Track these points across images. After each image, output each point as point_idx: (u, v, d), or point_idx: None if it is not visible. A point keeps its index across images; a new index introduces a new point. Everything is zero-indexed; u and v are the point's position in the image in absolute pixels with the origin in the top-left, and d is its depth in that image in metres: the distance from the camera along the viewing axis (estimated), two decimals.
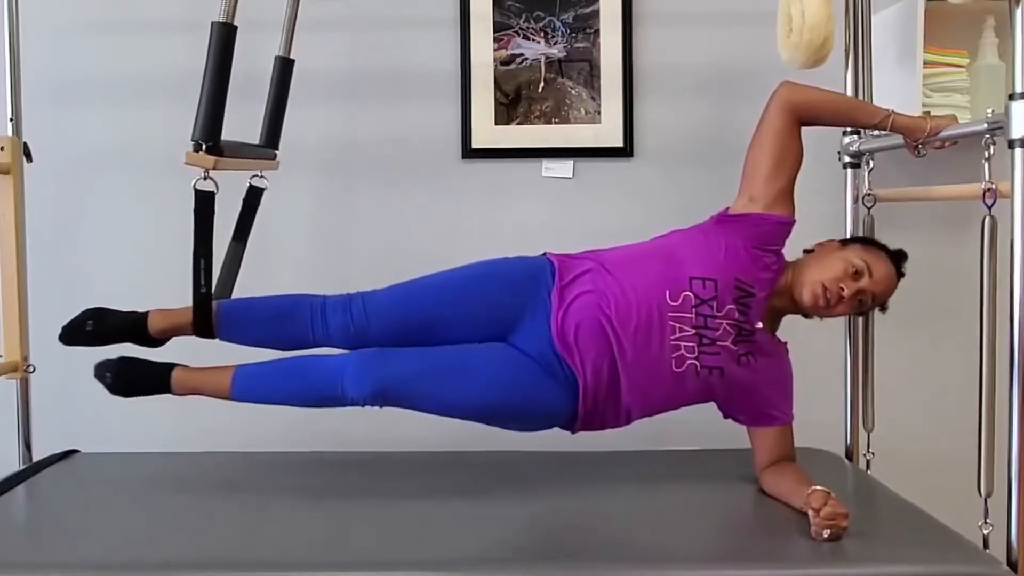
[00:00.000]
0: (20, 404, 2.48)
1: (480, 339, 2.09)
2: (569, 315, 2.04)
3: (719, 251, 2.06)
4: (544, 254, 2.17)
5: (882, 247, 2.14)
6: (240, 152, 2.13)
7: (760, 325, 2.07)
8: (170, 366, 2.14)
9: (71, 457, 2.46)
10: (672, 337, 2.02)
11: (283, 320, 2.14)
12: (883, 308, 2.16)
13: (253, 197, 2.38)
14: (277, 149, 2.44)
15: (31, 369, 2.43)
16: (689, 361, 2.03)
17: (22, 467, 2.41)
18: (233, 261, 2.34)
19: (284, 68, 2.43)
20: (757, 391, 2.11)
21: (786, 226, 2.12)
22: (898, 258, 2.13)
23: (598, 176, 2.78)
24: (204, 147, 1.89)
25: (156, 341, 2.18)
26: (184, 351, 2.21)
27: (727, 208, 2.15)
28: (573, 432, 2.12)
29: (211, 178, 1.92)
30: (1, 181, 2.35)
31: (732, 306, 2.03)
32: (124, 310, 2.18)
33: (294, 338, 2.14)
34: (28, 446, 2.49)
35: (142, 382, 2.13)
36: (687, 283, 2.03)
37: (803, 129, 2.13)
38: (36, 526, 2.02)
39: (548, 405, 2.06)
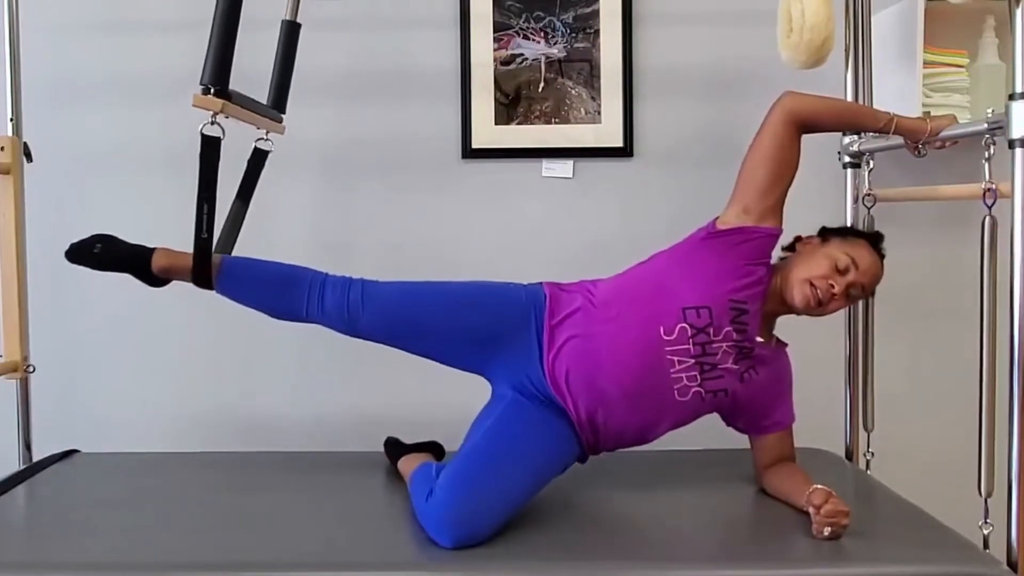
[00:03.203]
0: (20, 404, 2.48)
1: (463, 354, 2.09)
2: (560, 360, 2.01)
3: (709, 274, 2.02)
4: (540, 284, 2.13)
5: (861, 235, 2.14)
6: (248, 103, 2.11)
7: (760, 340, 2.05)
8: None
9: (71, 457, 2.46)
10: (672, 371, 1.99)
11: (282, 286, 2.11)
12: (871, 293, 2.16)
13: (258, 159, 2.36)
14: (284, 112, 2.42)
15: (31, 369, 2.43)
16: (693, 390, 2.01)
17: (22, 467, 2.41)
18: (235, 220, 2.32)
19: (291, 32, 2.41)
20: (760, 404, 2.10)
21: (776, 238, 2.08)
22: (876, 241, 2.12)
23: (598, 176, 2.77)
24: (212, 91, 1.88)
25: (156, 280, 2.16)
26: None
27: (715, 220, 2.09)
28: (583, 462, 2.11)
29: (218, 123, 1.92)
30: (1, 181, 2.35)
31: (729, 328, 2.00)
32: (132, 242, 2.17)
33: (288, 307, 2.12)
34: (28, 446, 2.49)
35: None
36: (681, 315, 1.99)
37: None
38: (36, 526, 2.01)
39: (565, 455, 2.06)
